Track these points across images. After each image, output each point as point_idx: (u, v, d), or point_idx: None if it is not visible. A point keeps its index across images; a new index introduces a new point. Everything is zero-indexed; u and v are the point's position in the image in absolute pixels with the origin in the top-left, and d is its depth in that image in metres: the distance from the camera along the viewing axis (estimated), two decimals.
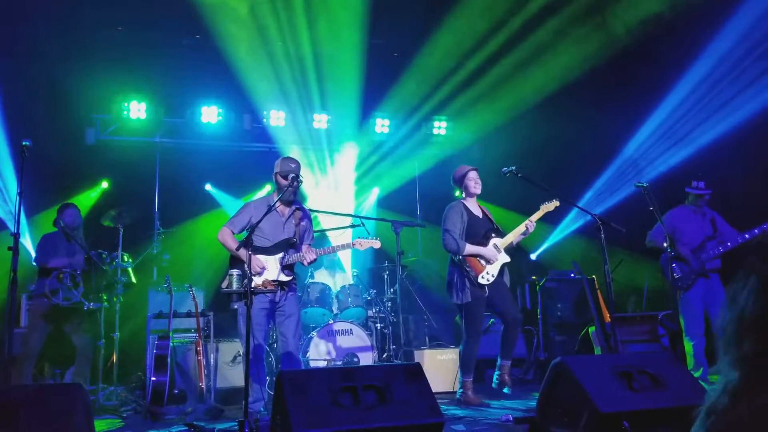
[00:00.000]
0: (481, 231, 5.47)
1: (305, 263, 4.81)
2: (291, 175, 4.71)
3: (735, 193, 6.54)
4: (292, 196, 4.80)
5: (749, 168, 6.71)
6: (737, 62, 6.70)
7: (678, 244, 5.73)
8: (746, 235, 5.59)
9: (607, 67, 7.59)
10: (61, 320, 5.88)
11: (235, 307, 4.81)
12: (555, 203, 5.44)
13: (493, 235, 5.46)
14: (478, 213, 5.62)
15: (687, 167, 6.90)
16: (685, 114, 7.34)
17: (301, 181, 4.70)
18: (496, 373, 5.54)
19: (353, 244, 4.95)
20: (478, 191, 5.58)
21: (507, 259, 5.46)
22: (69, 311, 5.80)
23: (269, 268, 4.78)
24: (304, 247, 4.88)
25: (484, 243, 5.42)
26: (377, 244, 5.02)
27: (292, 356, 4.82)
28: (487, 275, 5.36)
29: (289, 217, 4.90)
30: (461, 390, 5.53)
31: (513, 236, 5.45)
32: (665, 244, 5.38)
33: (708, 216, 5.91)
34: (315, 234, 5.29)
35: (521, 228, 5.41)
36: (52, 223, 6.09)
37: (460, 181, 5.65)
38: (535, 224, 5.42)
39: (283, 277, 4.80)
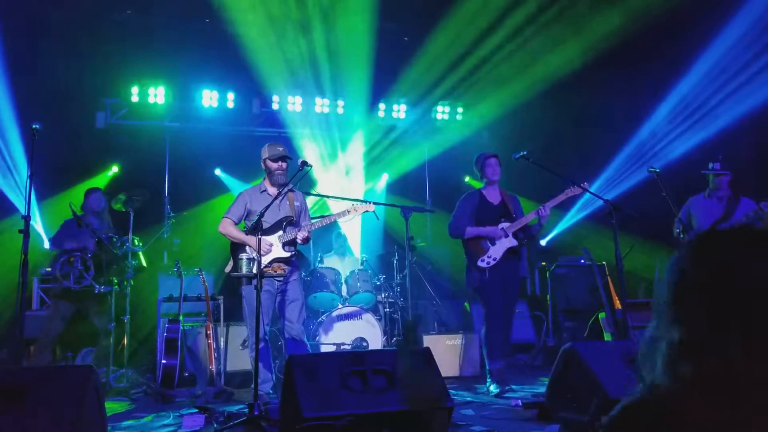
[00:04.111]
0: (491, 218, 5.35)
1: (299, 240, 4.87)
2: (300, 160, 4.73)
3: (750, 177, 6.45)
4: (283, 178, 4.95)
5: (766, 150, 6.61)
6: (756, 41, 6.57)
7: (692, 231, 5.61)
8: (750, 213, 5.45)
9: (621, 49, 7.46)
10: (84, 302, 5.92)
11: (243, 293, 4.89)
12: (577, 189, 5.17)
13: (503, 219, 5.33)
14: (495, 200, 5.48)
15: (704, 150, 6.79)
16: (702, 95, 7.22)
17: (311, 167, 4.70)
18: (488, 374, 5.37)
19: (348, 211, 4.99)
20: (497, 177, 5.44)
21: (513, 243, 5.27)
22: (89, 293, 5.84)
23: (272, 248, 4.89)
24: (302, 225, 4.98)
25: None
26: (371, 207, 5.05)
27: (298, 340, 4.89)
28: (488, 258, 5.23)
29: (283, 198, 4.98)
30: (488, 376, 5.30)
31: (524, 221, 5.27)
32: (677, 230, 5.31)
33: (725, 199, 5.68)
34: (320, 217, 5.34)
35: (530, 215, 5.25)
36: (80, 207, 6.13)
37: (480, 168, 5.51)
38: (548, 210, 5.18)
39: (284, 253, 4.90)
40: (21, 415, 2.57)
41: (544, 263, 8.07)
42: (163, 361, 5.41)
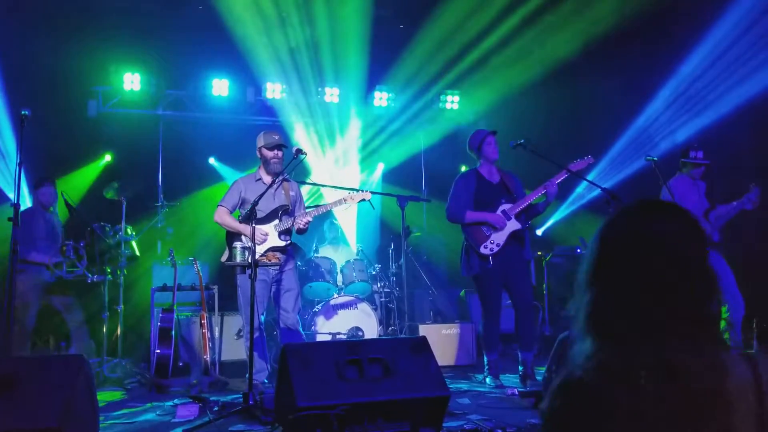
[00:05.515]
0: (491, 198, 5.09)
1: (301, 225, 4.83)
2: (294, 148, 4.68)
3: (749, 164, 6.40)
4: (278, 167, 4.91)
5: (766, 140, 6.55)
6: (755, 27, 6.50)
7: None
8: (734, 203, 5.35)
9: (619, 36, 7.40)
10: (53, 295, 5.73)
11: (238, 282, 4.85)
12: (583, 163, 4.99)
13: (504, 201, 5.08)
14: (494, 179, 5.21)
15: (702, 139, 6.73)
16: (700, 82, 7.15)
17: (305, 155, 4.66)
18: (520, 368, 5.11)
19: (345, 199, 4.94)
20: (497, 156, 5.16)
21: (517, 226, 5.02)
22: (63, 286, 5.72)
23: (268, 237, 4.85)
24: (298, 214, 4.94)
25: (491, 210, 5.06)
26: (368, 196, 4.99)
27: (293, 330, 4.87)
28: (491, 244, 4.97)
29: (278, 187, 4.93)
30: (486, 368, 5.19)
31: (527, 200, 5.01)
32: None
33: (702, 189, 5.59)
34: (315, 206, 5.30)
35: (535, 193, 5.00)
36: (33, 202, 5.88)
37: (477, 146, 5.19)
38: (556, 186, 4.95)
39: (280, 242, 4.86)
40: (10, 404, 2.52)
41: (540, 253, 8.04)
42: (157, 351, 5.36)
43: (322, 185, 6.88)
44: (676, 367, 1.07)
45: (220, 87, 8.29)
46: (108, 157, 8.10)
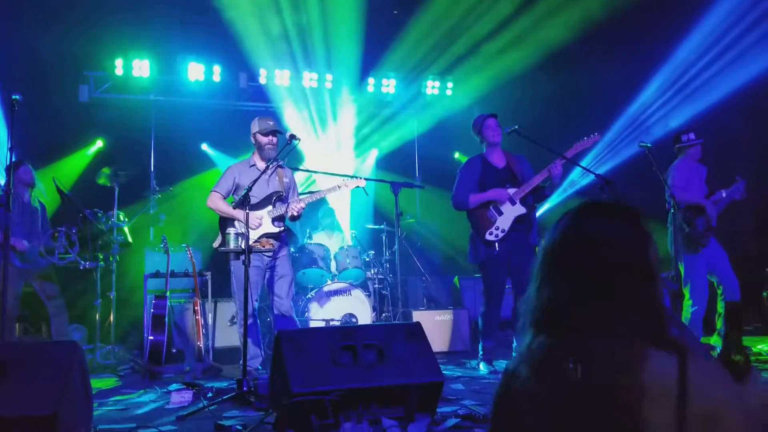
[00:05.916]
0: (496, 184, 5.00)
1: (295, 212, 4.81)
2: (288, 134, 4.65)
3: (741, 150, 6.42)
4: (273, 152, 4.87)
5: (759, 126, 6.56)
6: (748, 14, 6.49)
7: (692, 196, 5.40)
8: (723, 193, 5.38)
9: (612, 22, 7.37)
10: (36, 281, 5.63)
11: (231, 268, 4.83)
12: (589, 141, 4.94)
13: (508, 185, 5.01)
14: (499, 164, 5.12)
15: (696, 125, 6.73)
16: (693, 69, 7.14)
17: (299, 140, 4.63)
18: (514, 354, 5.04)
19: (339, 186, 4.94)
20: (498, 139, 5.08)
21: (521, 210, 4.94)
22: (47, 273, 5.63)
23: (262, 222, 4.85)
24: (292, 201, 4.94)
25: None
26: (362, 183, 4.99)
27: (287, 316, 4.87)
28: (496, 230, 4.90)
29: (272, 173, 4.92)
30: (480, 354, 5.18)
31: (532, 184, 4.91)
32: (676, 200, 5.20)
33: (703, 174, 5.57)
34: (309, 192, 5.28)
35: (540, 176, 4.90)
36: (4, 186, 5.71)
37: (479, 130, 5.15)
38: (561, 168, 4.84)
39: (274, 228, 4.86)
40: (3, 391, 2.51)
41: None
42: (151, 338, 5.35)
43: (317, 172, 6.85)
44: (591, 355, 1.13)
45: (212, 72, 8.22)
46: (100, 143, 8.04)
